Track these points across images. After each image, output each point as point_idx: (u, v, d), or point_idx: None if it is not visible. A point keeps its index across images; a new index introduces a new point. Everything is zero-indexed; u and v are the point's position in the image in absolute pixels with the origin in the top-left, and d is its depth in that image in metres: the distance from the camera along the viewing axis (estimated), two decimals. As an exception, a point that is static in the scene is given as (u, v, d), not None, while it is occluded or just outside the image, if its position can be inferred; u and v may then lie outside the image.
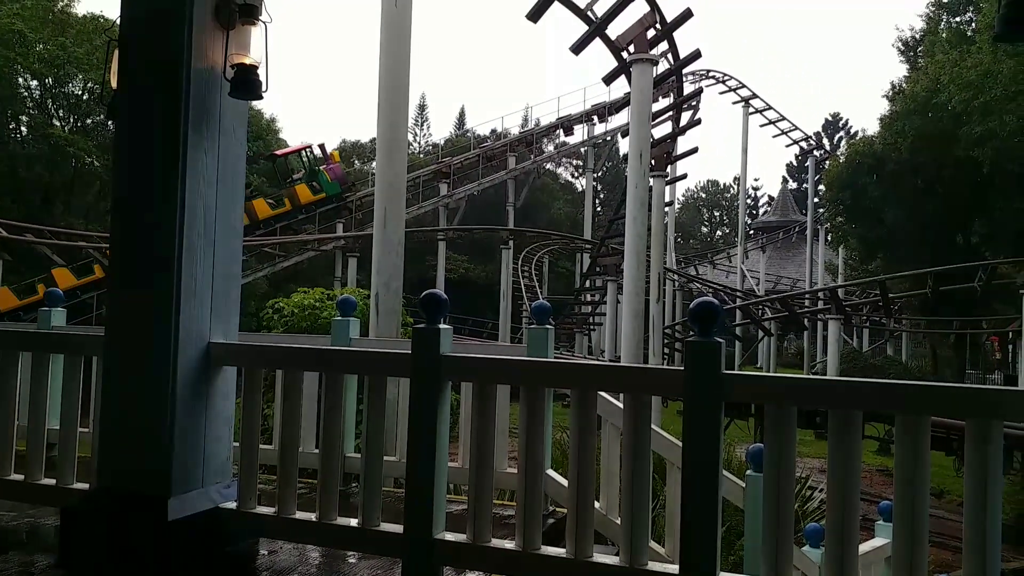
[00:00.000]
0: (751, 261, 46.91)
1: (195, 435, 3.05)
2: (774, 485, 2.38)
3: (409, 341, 2.86)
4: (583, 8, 13.81)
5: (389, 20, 8.47)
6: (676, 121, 19.64)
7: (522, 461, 2.73)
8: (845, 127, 68.27)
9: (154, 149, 3.03)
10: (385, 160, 8.59)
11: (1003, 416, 2.19)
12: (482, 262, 38.41)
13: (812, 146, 44.55)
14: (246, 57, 3.06)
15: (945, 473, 15.45)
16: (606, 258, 25.02)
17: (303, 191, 29.40)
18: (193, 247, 3.00)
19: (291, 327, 9.70)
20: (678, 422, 2.50)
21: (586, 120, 37.97)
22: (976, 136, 22.26)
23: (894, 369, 26.49)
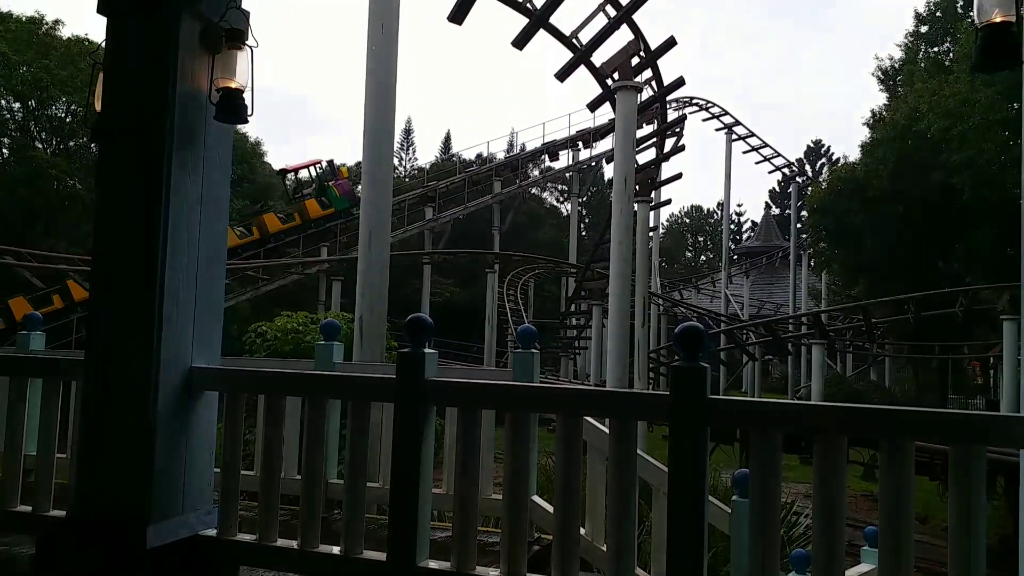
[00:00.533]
0: (735, 286, 47.17)
1: (175, 461, 3.00)
2: (760, 511, 2.37)
3: (393, 365, 2.84)
4: (568, 36, 13.97)
5: (375, 45, 8.53)
6: (660, 147, 19.82)
7: (507, 487, 2.71)
8: (827, 154, 69.18)
9: (138, 172, 3.01)
10: (370, 183, 8.60)
11: (986, 441, 2.20)
12: (467, 286, 38.41)
13: (795, 172, 45.13)
14: (232, 81, 3.06)
15: (929, 498, 15.46)
16: (591, 282, 25.09)
17: (312, 206, 29.74)
18: (176, 270, 2.98)
19: (274, 351, 9.63)
20: (663, 447, 2.49)
21: (571, 145, 38.29)
22: (955, 163, 22.62)
23: (878, 394, 26.63)
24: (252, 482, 3.74)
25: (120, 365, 2.98)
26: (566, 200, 49.72)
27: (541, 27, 13.44)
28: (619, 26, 13.93)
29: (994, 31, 2.22)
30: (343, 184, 30.73)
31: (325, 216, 29.88)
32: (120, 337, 3.00)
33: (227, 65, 3.08)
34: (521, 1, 13.12)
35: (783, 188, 62.10)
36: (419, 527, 2.70)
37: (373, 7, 8.75)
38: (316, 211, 29.76)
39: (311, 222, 29.69)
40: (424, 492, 2.73)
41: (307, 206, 29.68)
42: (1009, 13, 2.18)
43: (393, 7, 8.81)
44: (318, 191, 30.23)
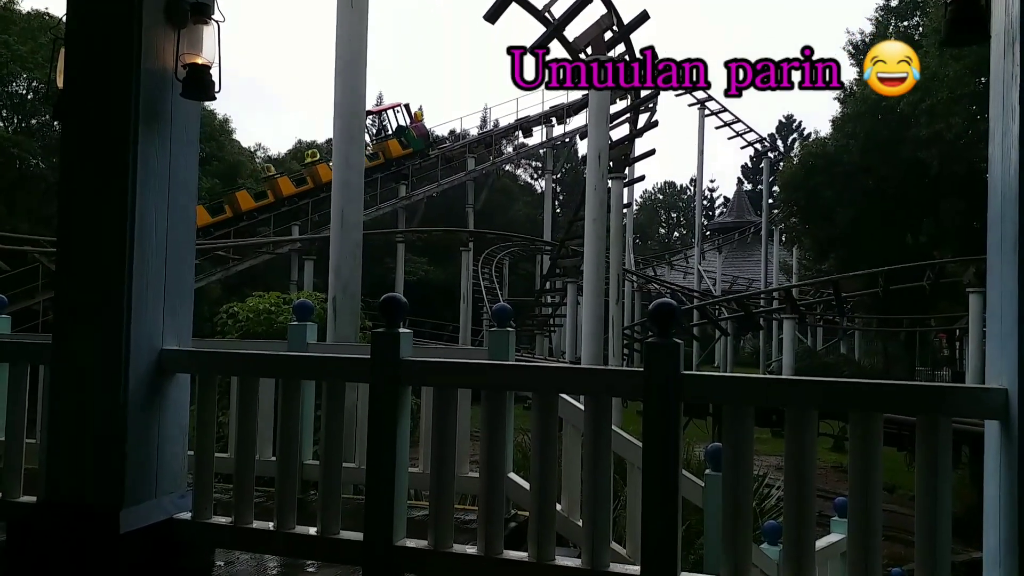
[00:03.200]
0: (708, 262, 47.54)
1: (147, 444, 2.97)
2: (732, 484, 2.40)
3: (368, 345, 2.83)
4: (540, 10, 13.85)
5: (345, 20, 8.39)
6: (633, 123, 19.80)
7: (483, 465, 2.72)
8: (798, 129, 69.54)
9: (103, 151, 2.95)
10: (341, 161, 8.50)
11: (952, 412, 2.25)
12: (442, 264, 38.24)
13: (766, 148, 45.42)
14: (198, 57, 3.00)
15: (897, 468, 15.81)
16: (566, 259, 25.12)
17: (394, 145, 32.06)
18: (144, 251, 2.93)
19: (246, 332, 9.52)
20: (638, 422, 2.51)
21: (545, 122, 38.09)
22: (924, 138, 22.88)
23: (848, 367, 27.06)
24: (226, 464, 3.72)
25: (89, 348, 2.94)
26: (540, 177, 49.62)
27: (513, 0, 13.31)
28: (591, 0, 13.85)
29: (963, 5, 2.23)
30: (419, 126, 33.04)
31: (405, 155, 32.21)
32: (88, 320, 2.95)
33: (193, 40, 3.01)
34: (493, -25, 12.97)
35: (755, 164, 62.46)
36: (396, 506, 2.70)
37: (342, -19, 8.58)
38: (397, 150, 32.02)
39: (393, 160, 31.98)
40: (400, 471, 2.73)
41: (389, 145, 31.94)
42: (978, -12, 2.20)
43: (363, -19, 8.65)
44: (397, 132, 32.50)
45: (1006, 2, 2.13)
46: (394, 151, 32.06)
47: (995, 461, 2.17)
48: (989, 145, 2.27)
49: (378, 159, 31.34)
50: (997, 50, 2.20)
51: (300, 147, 48.13)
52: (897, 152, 24.50)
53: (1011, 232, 2.06)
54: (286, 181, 30.29)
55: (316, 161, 30.92)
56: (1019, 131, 2.02)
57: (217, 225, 28.13)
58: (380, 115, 33.53)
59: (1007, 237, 2.10)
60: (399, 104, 33.56)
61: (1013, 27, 2.07)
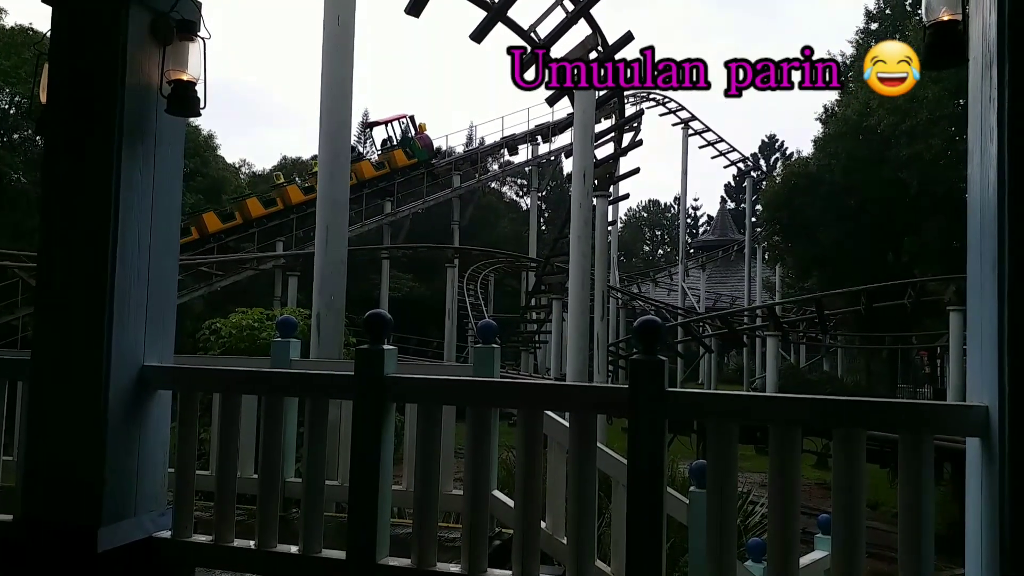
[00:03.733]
0: (691, 279, 47.74)
1: (127, 461, 2.93)
2: (717, 501, 2.40)
3: (352, 362, 2.82)
4: (526, 30, 13.96)
5: (331, 36, 8.42)
6: (618, 142, 19.93)
7: (468, 483, 2.70)
8: (781, 148, 70.27)
9: (86, 166, 2.93)
10: (327, 177, 8.49)
11: (934, 430, 2.26)
12: (427, 280, 38.16)
13: (749, 167, 45.78)
14: (183, 73, 2.99)
15: (880, 485, 15.87)
16: (551, 276, 25.16)
17: (400, 156, 32.88)
18: (127, 267, 2.90)
19: (229, 348, 9.45)
20: (623, 439, 2.51)
21: (530, 140, 38.28)
22: (904, 158, 23.16)
23: (831, 384, 27.18)
24: (207, 482, 3.68)
25: (69, 365, 2.91)
26: (525, 194, 49.79)
27: (499, 20, 13.40)
28: (577, 20, 13.96)
29: (941, 29, 2.27)
30: (424, 137, 33.65)
31: (409, 165, 33.00)
32: (68, 336, 2.92)
33: (178, 57, 3.01)
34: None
35: (738, 182, 62.92)
36: (379, 524, 2.68)
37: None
38: (403, 160, 32.81)
39: (399, 170, 32.80)
40: (384, 489, 2.71)
41: (395, 156, 32.82)
42: (955, 12, 2.24)
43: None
44: (403, 143, 33.26)
45: (983, 27, 2.17)
46: (400, 161, 32.80)
47: (976, 478, 2.18)
48: (968, 166, 2.31)
49: (384, 168, 32.32)
50: (975, 73, 2.24)
51: (285, 163, 48.09)
52: (878, 172, 24.78)
53: (990, 252, 2.09)
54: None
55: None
56: (997, 152, 2.05)
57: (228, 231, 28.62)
58: (386, 126, 34.20)
59: (986, 257, 2.12)
60: (404, 116, 34.11)
61: (990, 51, 2.11)
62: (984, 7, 2.16)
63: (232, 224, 29.26)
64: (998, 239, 2.04)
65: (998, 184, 2.04)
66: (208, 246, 28.31)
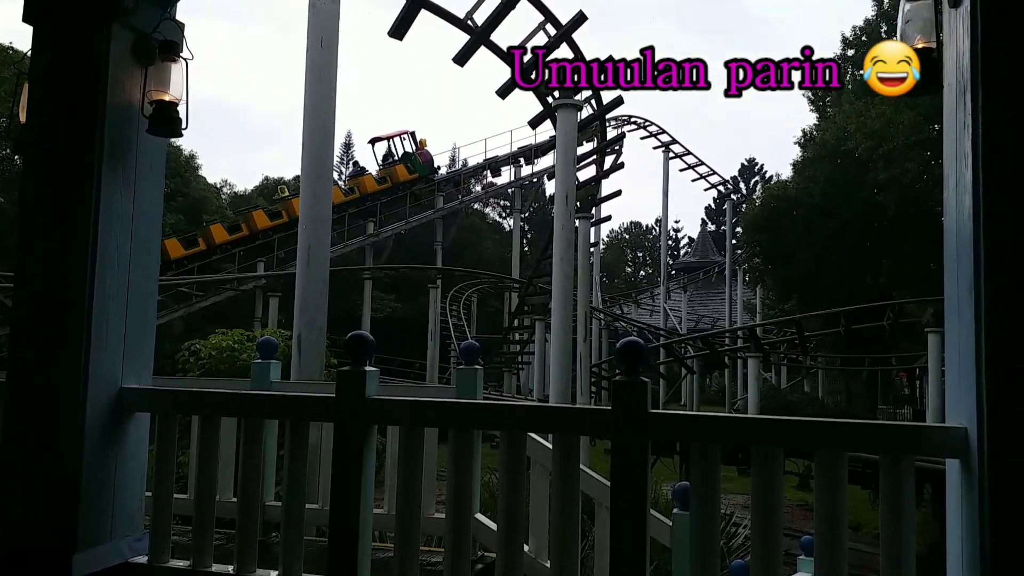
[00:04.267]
0: (673, 300, 47.94)
1: (104, 485, 2.88)
2: (700, 523, 2.40)
3: (333, 384, 2.80)
4: (508, 53, 14.06)
5: (315, 58, 8.45)
6: (600, 164, 20.06)
7: (450, 506, 2.68)
8: (760, 171, 71.05)
9: (65, 187, 2.91)
10: (309, 197, 8.48)
11: (914, 451, 2.28)
12: (409, 301, 38.06)
13: (729, 190, 46.25)
14: (165, 94, 2.99)
15: (862, 506, 15.91)
16: (534, 297, 25.17)
17: (401, 171, 33.75)
18: (106, 288, 2.87)
19: (208, 370, 9.35)
20: (606, 460, 2.50)
21: (513, 162, 38.53)
22: (881, 182, 23.51)
23: (812, 406, 27.31)
24: (186, 506, 3.63)
25: (46, 386, 2.86)
26: (508, 216, 49.96)
27: (482, 44, 13.51)
28: (559, 44, 14.10)
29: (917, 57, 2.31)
30: (424, 153, 34.76)
31: (411, 180, 33.98)
32: (46, 357, 2.88)
33: (161, 77, 3.00)
34: (462, 18, 13.17)
35: (719, 205, 63.49)
36: (360, 549, 2.65)
37: (312, 21, 8.67)
38: (404, 175, 33.77)
39: (401, 185, 33.72)
40: (365, 513, 2.69)
41: (397, 170, 33.67)
42: (930, 40, 2.29)
43: (333, 21, 8.75)
44: (404, 158, 34.14)
45: (957, 55, 2.21)
46: (401, 176, 33.63)
47: (956, 499, 2.20)
48: (944, 190, 2.35)
49: (386, 183, 33.23)
50: (949, 100, 2.28)
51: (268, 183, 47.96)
52: (856, 195, 25.12)
53: (966, 275, 2.11)
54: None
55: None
56: (972, 178, 2.08)
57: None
58: (389, 141, 34.97)
59: (963, 280, 2.15)
60: (406, 132, 34.89)
61: (964, 78, 2.15)
62: (958, 36, 2.21)
63: (239, 236, 29.69)
64: (974, 263, 2.07)
65: (973, 209, 2.07)
66: (215, 257, 28.83)
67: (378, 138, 35.22)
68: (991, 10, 2.07)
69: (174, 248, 27.97)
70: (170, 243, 27.89)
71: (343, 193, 31.34)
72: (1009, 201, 2.03)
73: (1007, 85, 2.05)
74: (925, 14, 2.30)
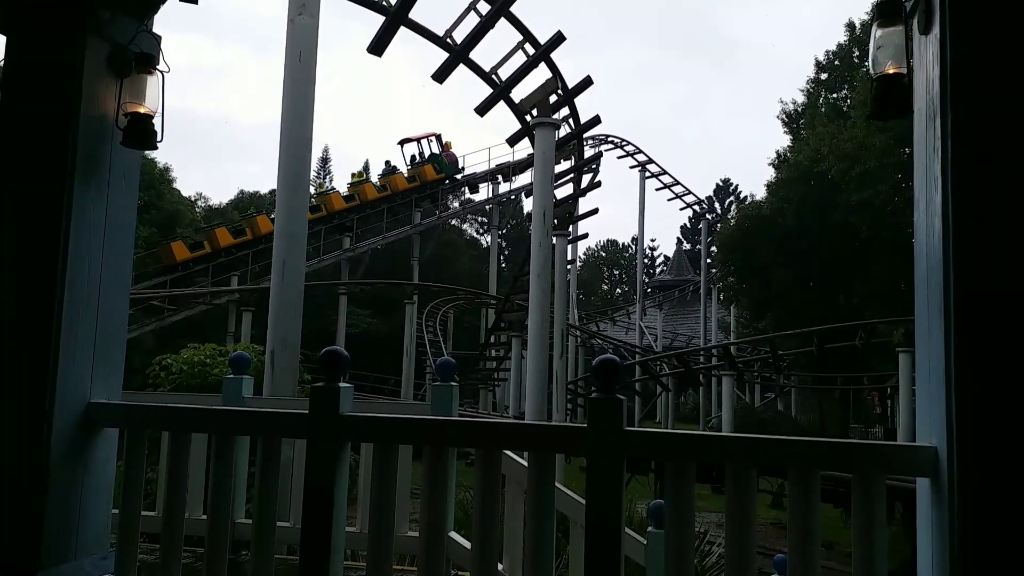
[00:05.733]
0: (649, 318, 48.22)
1: (70, 502, 2.82)
2: (674, 541, 2.40)
3: (306, 400, 2.77)
4: (488, 72, 14.16)
5: (293, 72, 8.43)
6: (577, 183, 20.19)
7: (424, 524, 2.66)
8: (735, 192, 71.90)
9: (36, 197, 2.86)
10: (285, 211, 8.43)
11: (885, 470, 2.30)
12: (385, 317, 37.88)
13: (704, 209, 46.76)
14: (141, 106, 2.96)
15: (834, 525, 16.02)
16: (511, 314, 25.19)
17: (429, 170, 35.89)
18: (75, 301, 2.83)
19: (179, 385, 9.24)
20: (581, 478, 2.50)
21: (491, 179, 38.67)
22: (853, 203, 23.87)
23: (785, 424, 27.50)
24: (154, 523, 3.56)
25: (11, 400, 2.80)
26: (486, 232, 50.03)
27: (461, 62, 13.58)
28: (537, 64, 14.22)
29: (887, 82, 2.36)
30: (450, 154, 37.05)
31: (438, 180, 36.23)
32: (12, 370, 2.82)
33: (136, 89, 2.98)
34: (442, 36, 13.24)
35: (694, 224, 64.07)
36: (332, 568, 2.62)
37: (291, 36, 8.66)
38: (432, 175, 35.98)
39: (428, 184, 35.88)
40: (337, 531, 2.65)
41: (425, 171, 35.80)
42: (901, 66, 2.33)
43: (311, 36, 8.75)
44: (431, 158, 36.42)
45: (927, 81, 2.26)
46: (429, 175, 35.80)
47: (927, 517, 2.22)
48: (915, 212, 2.38)
49: (415, 182, 35.37)
50: (919, 124, 2.32)
51: (242, 197, 47.64)
52: (829, 216, 25.48)
53: (936, 296, 2.15)
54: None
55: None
56: (941, 201, 2.12)
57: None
58: (417, 143, 37.03)
59: (933, 301, 2.18)
60: (432, 134, 37.02)
61: (934, 103, 2.19)
62: (928, 62, 2.25)
63: (243, 240, 30.40)
64: (944, 285, 2.10)
65: (943, 231, 2.11)
66: (219, 260, 29.31)
67: (407, 139, 37.15)
68: (959, 38, 2.12)
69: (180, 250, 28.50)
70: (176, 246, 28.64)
71: (377, 189, 34.26)
72: (978, 224, 2.07)
73: (975, 111, 2.10)
74: (896, 40, 2.34)
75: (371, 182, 35.40)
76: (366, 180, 35.75)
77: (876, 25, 2.39)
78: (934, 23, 2.20)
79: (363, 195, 33.61)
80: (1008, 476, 2.00)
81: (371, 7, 12.01)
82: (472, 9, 13.26)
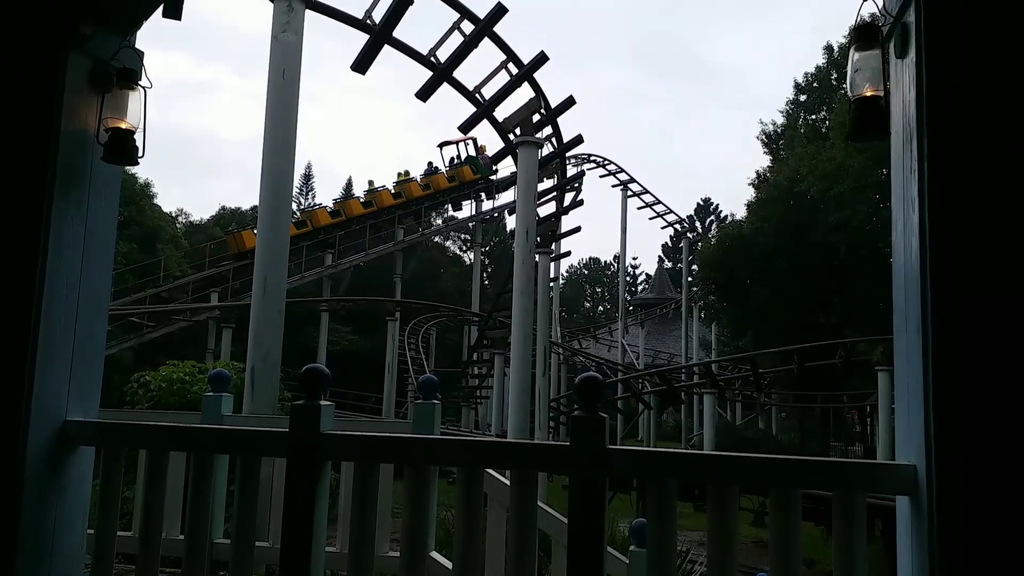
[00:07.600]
0: (631, 336, 48.32)
1: (44, 523, 2.77)
2: (656, 560, 2.39)
3: (286, 418, 2.74)
4: (471, 90, 14.24)
5: (276, 89, 8.43)
6: (560, 201, 20.29)
7: (404, 544, 2.63)
8: (716, 211, 72.56)
9: (13, 213, 2.83)
10: (267, 228, 8.40)
11: (866, 488, 2.31)
12: (367, 334, 37.72)
13: (685, 228, 47.08)
14: (122, 122, 2.94)
15: (815, 543, 16.04)
16: (493, 331, 25.16)
17: (467, 171, 38.45)
18: (53, 317, 2.79)
19: (158, 403, 9.12)
20: (563, 496, 2.49)
21: (474, 196, 38.81)
22: (832, 223, 24.15)
23: (766, 442, 27.58)
24: (130, 544, 3.50)
25: (-16, 419, 2.75)
26: (469, 249, 50.09)
27: (445, 80, 13.64)
28: (521, 83, 14.31)
29: (865, 104, 2.39)
30: (485, 157, 38.53)
31: (474, 180, 38.59)
32: (-15, 388, 2.77)
33: (117, 105, 2.96)
34: (425, 55, 13.30)
35: (675, 243, 64.48)
36: (311, 588, 2.58)
37: (275, 53, 8.67)
38: (469, 175, 38.44)
39: (466, 184, 38.44)
40: (317, 552, 2.62)
41: (463, 171, 38.31)
42: (878, 88, 2.37)
43: (295, 54, 8.76)
44: (468, 160, 38.74)
45: (904, 103, 2.30)
46: (467, 176, 38.41)
47: (906, 535, 2.23)
48: (892, 232, 2.41)
49: (455, 182, 37.89)
50: (897, 146, 2.36)
51: (224, 213, 47.40)
52: (808, 236, 25.74)
53: (914, 315, 2.17)
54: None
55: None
56: (918, 222, 2.15)
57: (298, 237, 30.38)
58: (456, 145, 39.18)
59: (911, 320, 2.21)
60: (469, 138, 38.60)
61: (910, 125, 2.23)
62: (904, 85, 2.29)
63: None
64: (921, 304, 2.13)
65: (920, 252, 2.14)
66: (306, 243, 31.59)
67: (447, 142, 39.23)
68: (935, 62, 2.16)
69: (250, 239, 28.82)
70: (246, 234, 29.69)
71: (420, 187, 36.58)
72: (954, 244, 2.10)
73: (951, 132, 2.14)
74: (873, 64, 2.38)
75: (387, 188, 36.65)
76: (411, 179, 37.53)
77: (854, 48, 2.43)
78: (910, 47, 2.24)
79: (348, 211, 34.45)
80: (986, 494, 2.01)
81: (356, 25, 12.05)
82: (456, 29, 13.35)
